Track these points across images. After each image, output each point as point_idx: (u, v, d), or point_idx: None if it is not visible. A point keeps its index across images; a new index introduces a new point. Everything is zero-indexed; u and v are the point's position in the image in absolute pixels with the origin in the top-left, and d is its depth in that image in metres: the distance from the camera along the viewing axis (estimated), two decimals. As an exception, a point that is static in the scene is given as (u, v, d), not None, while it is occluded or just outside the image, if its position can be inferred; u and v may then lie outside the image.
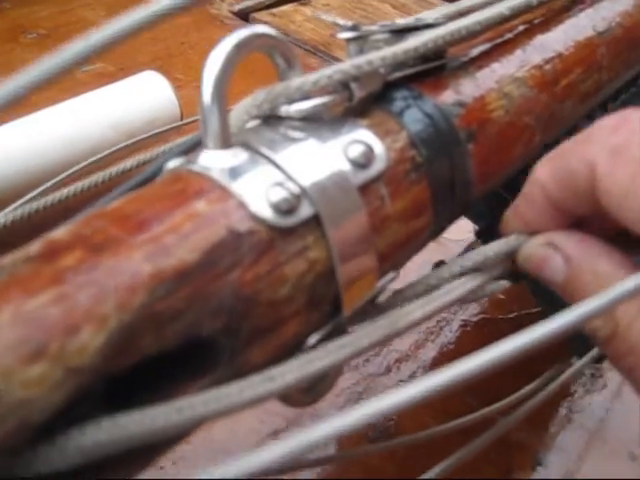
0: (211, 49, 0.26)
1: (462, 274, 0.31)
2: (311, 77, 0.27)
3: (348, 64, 0.27)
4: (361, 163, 0.26)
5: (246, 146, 0.25)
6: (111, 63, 0.86)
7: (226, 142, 0.25)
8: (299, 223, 0.24)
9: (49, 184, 0.49)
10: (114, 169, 0.48)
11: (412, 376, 0.56)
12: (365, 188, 0.26)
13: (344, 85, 0.28)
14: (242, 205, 0.23)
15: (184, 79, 0.82)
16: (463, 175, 0.30)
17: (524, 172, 0.43)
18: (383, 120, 0.29)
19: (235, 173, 0.24)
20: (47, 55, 0.22)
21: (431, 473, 0.42)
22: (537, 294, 0.50)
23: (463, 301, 0.40)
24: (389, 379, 0.55)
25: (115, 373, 0.20)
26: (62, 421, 0.20)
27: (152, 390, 0.22)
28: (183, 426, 0.21)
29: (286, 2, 1.12)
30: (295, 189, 0.24)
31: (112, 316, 0.20)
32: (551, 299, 0.49)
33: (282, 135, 0.26)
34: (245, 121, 0.27)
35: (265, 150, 0.25)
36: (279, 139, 0.26)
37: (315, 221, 0.24)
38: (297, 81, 0.27)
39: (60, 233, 0.22)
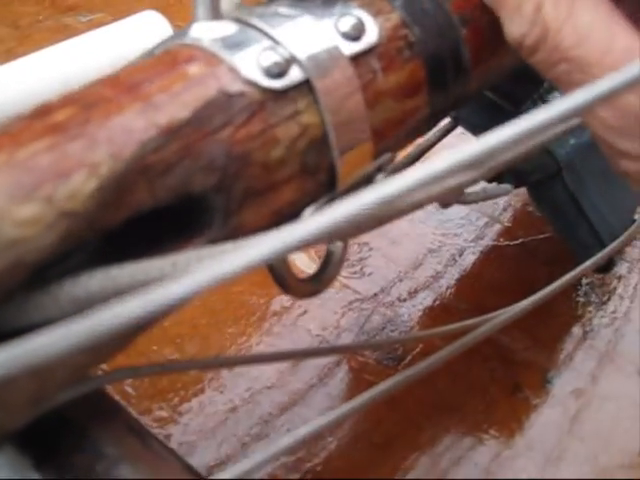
0: None
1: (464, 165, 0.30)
2: None
3: None
4: (352, 35, 0.26)
5: (237, 20, 0.25)
6: (110, 13, 0.85)
7: (216, 13, 0.25)
8: (290, 86, 0.24)
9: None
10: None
11: (424, 305, 0.56)
12: (357, 59, 0.26)
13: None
14: (233, 69, 0.23)
15: (184, 25, 0.81)
16: (457, 58, 0.30)
17: (521, 83, 0.42)
18: (374, 1, 0.28)
19: (226, 41, 0.24)
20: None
21: (410, 370, 0.42)
22: (540, 204, 0.50)
23: (467, 199, 0.40)
24: (403, 307, 0.56)
25: (110, 225, 0.21)
26: (57, 271, 0.20)
27: (149, 249, 0.22)
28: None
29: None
30: (286, 54, 0.24)
31: (104, 164, 0.20)
32: (555, 208, 0.49)
33: (273, 12, 0.26)
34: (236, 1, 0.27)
35: (256, 22, 0.25)
36: (270, 14, 0.26)
37: (307, 87, 0.24)
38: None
39: (54, 99, 0.22)
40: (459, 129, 0.49)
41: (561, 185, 0.46)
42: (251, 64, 0.23)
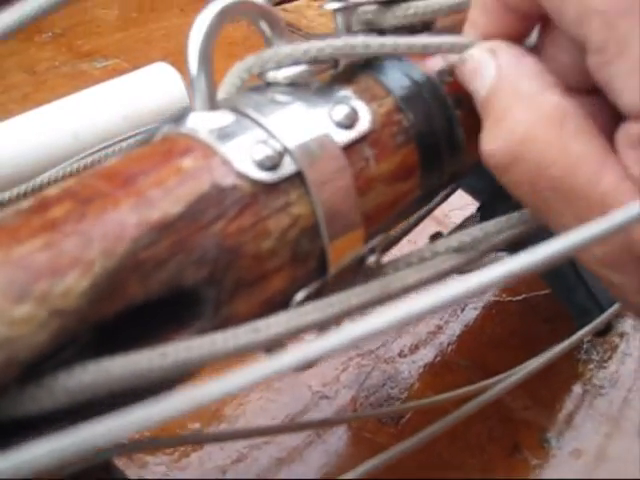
0: (222, 44, 0.26)
1: (459, 250, 0.31)
2: (302, 46, 0.28)
3: (341, 41, 0.28)
4: (345, 124, 0.27)
5: (233, 109, 0.26)
6: (125, 59, 0.88)
7: (213, 104, 0.26)
8: (282, 179, 0.24)
9: (58, 168, 0.50)
10: (116, 147, 0.49)
11: (424, 361, 0.57)
12: (349, 148, 0.27)
13: (332, 55, 0.29)
14: (226, 162, 0.24)
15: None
16: (451, 139, 0.31)
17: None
18: (369, 86, 0.29)
19: (221, 133, 0.25)
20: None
21: (414, 439, 0.43)
22: (541, 273, 0.50)
23: (461, 271, 0.41)
24: (403, 363, 0.56)
25: (103, 319, 0.21)
26: (50, 364, 0.21)
27: (140, 339, 0.23)
28: (166, 370, 0.22)
29: (300, -2, 1.13)
30: (278, 146, 0.25)
31: (97, 262, 0.21)
32: (554, 273, 0.50)
33: (269, 99, 0.27)
34: (236, 85, 0.28)
35: (251, 112, 0.26)
36: (265, 102, 0.27)
37: (299, 178, 0.25)
38: (287, 48, 0.28)
39: (51, 190, 0.23)
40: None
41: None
42: (244, 157, 0.24)
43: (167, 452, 0.48)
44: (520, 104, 0.26)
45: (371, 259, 0.29)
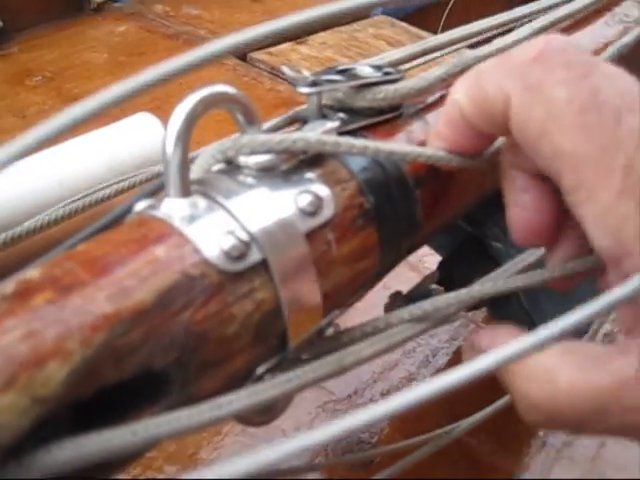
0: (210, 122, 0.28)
1: (412, 321, 0.33)
2: (276, 137, 0.30)
3: (314, 137, 0.30)
4: (309, 211, 0.29)
5: (204, 194, 0.28)
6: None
7: (186, 191, 0.28)
8: (248, 268, 0.27)
9: (44, 214, 0.53)
10: (99, 194, 0.52)
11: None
12: (312, 234, 0.29)
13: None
14: (196, 250, 0.26)
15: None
16: (410, 220, 0.33)
17: (481, 206, 0.45)
18: (335, 169, 0.31)
19: (193, 221, 0.27)
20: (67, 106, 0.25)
21: (383, 473, 0.45)
22: (495, 314, 0.53)
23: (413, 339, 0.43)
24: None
25: (77, 400, 0.23)
26: (29, 442, 0.23)
27: (113, 413, 0.25)
28: (137, 446, 0.24)
29: (283, 41, 1.15)
30: (245, 237, 0.27)
31: (76, 351, 0.23)
32: (507, 320, 0.52)
33: (239, 183, 0.29)
34: (211, 164, 0.30)
35: (221, 199, 0.28)
36: (236, 188, 0.29)
37: (263, 265, 0.27)
38: (263, 137, 0.30)
39: (33, 273, 0.25)
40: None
41: (517, 304, 0.49)
42: (213, 247, 0.26)
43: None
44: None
45: (329, 331, 0.31)
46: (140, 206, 0.29)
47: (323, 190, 0.30)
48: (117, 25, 1.18)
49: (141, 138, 0.65)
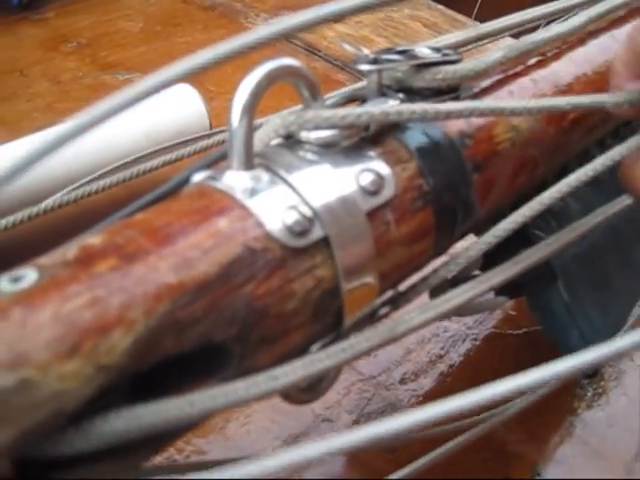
0: (243, 63, 0.28)
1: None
2: (340, 112, 0.29)
3: (378, 110, 0.30)
4: (371, 190, 0.28)
5: (267, 168, 0.28)
6: (147, 72, 0.89)
7: (249, 164, 0.28)
8: (310, 244, 0.26)
9: (83, 181, 0.53)
10: (141, 167, 0.51)
11: (424, 390, 0.59)
12: (373, 214, 0.28)
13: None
14: (259, 224, 0.26)
15: (216, 90, 0.84)
16: (466, 204, 0.33)
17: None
18: (395, 149, 0.31)
19: (255, 194, 0.27)
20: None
21: (408, 469, 0.44)
22: (535, 309, 0.52)
23: (462, 312, 0.43)
24: (403, 391, 0.58)
25: (140, 370, 0.23)
26: (90, 409, 0.23)
27: (172, 385, 0.25)
28: (194, 417, 0.24)
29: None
30: (308, 213, 0.26)
31: (139, 321, 0.22)
32: (548, 314, 0.51)
33: (301, 159, 0.29)
34: (272, 138, 0.30)
35: (284, 173, 0.27)
36: (297, 163, 0.28)
37: (324, 242, 0.27)
38: (327, 112, 0.29)
39: (95, 239, 0.25)
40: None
41: (556, 293, 0.49)
42: (276, 221, 0.26)
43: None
44: None
45: (383, 311, 0.31)
46: (199, 177, 0.29)
47: (384, 169, 0.30)
48: (153, -6, 1.17)
49: (180, 109, 0.65)
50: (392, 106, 0.30)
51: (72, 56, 0.93)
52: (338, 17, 0.29)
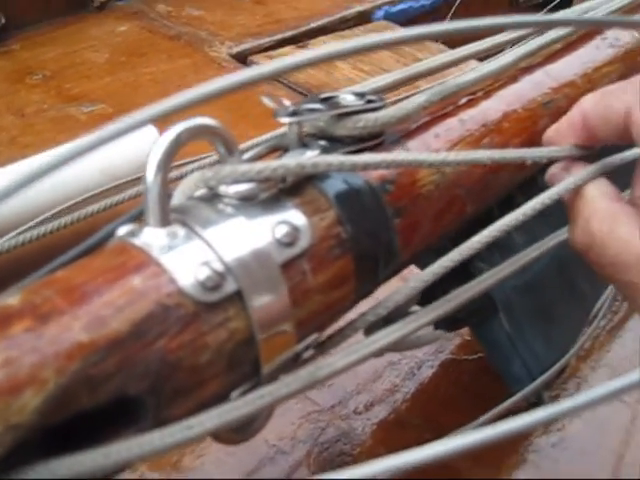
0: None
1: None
2: (256, 166, 0.30)
3: (293, 162, 0.31)
4: (286, 242, 0.30)
5: (183, 223, 0.29)
6: (111, 104, 0.91)
7: (165, 220, 0.29)
8: (223, 298, 0.28)
9: (38, 220, 0.54)
10: (89, 209, 0.52)
11: (379, 419, 0.60)
12: (288, 265, 0.30)
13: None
14: (172, 281, 0.27)
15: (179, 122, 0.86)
16: (389, 248, 0.34)
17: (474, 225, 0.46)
18: (314, 198, 0.32)
19: (170, 250, 0.28)
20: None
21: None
22: (478, 339, 0.53)
23: (398, 348, 0.44)
24: (357, 420, 0.59)
25: (51, 425, 0.24)
26: (3, 466, 0.24)
27: (89, 437, 0.26)
28: (108, 469, 0.25)
29: (284, 45, 1.16)
30: (220, 268, 0.28)
31: (50, 379, 0.24)
32: (491, 344, 0.53)
33: (218, 212, 0.30)
34: (192, 192, 0.31)
35: (199, 229, 0.29)
36: (214, 217, 0.30)
37: (238, 295, 0.28)
38: (243, 167, 0.30)
39: (14, 300, 0.26)
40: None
41: (497, 324, 0.50)
42: (189, 277, 0.27)
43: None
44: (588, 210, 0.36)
45: (307, 353, 0.32)
46: (122, 231, 0.30)
47: (300, 220, 0.31)
48: (119, 24, 1.19)
49: (136, 144, 0.66)
50: (308, 158, 0.31)
51: (37, 88, 0.94)
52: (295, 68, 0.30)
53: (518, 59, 0.48)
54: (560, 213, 0.51)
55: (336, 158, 0.32)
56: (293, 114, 0.34)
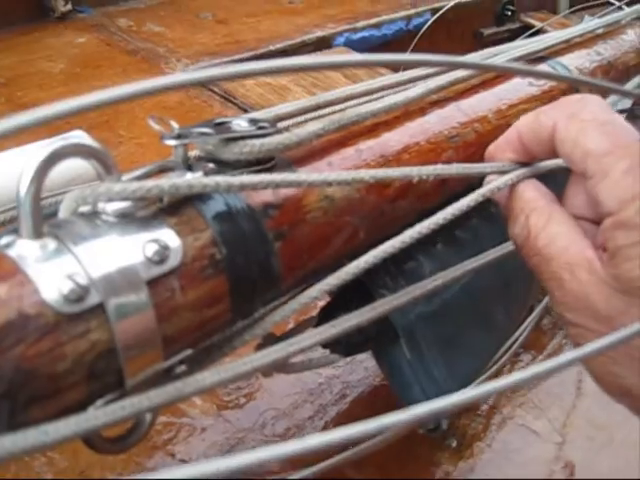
0: (157, 108, 0.31)
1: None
2: (132, 186, 0.32)
3: (168, 183, 0.32)
4: (155, 260, 0.31)
5: (56, 237, 0.30)
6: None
7: (38, 232, 0.30)
8: (84, 310, 0.29)
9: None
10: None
11: (285, 434, 0.61)
12: (155, 282, 0.31)
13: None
14: (36, 291, 0.28)
15: (126, 135, 0.87)
16: (267, 271, 0.36)
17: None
18: (191, 218, 0.34)
19: (38, 262, 0.29)
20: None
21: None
22: (380, 364, 0.55)
23: (288, 370, 0.45)
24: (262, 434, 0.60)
25: None
26: None
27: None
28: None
29: (240, 65, 1.17)
30: (84, 281, 0.29)
31: None
32: (392, 369, 0.54)
33: (93, 228, 0.31)
34: (74, 208, 0.33)
35: (69, 243, 0.30)
36: (88, 233, 0.31)
37: (101, 308, 0.29)
38: (118, 186, 0.32)
39: None
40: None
41: (398, 350, 0.51)
42: (52, 288, 0.29)
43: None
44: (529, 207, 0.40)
45: (180, 368, 0.33)
46: (3, 241, 0.31)
47: (172, 240, 0.32)
48: (78, 36, 1.20)
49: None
50: (184, 180, 0.33)
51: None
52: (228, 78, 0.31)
53: (426, 93, 0.49)
54: (472, 246, 0.53)
55: (212, 179, 0.33)
56: (178, 137, 0.35)
